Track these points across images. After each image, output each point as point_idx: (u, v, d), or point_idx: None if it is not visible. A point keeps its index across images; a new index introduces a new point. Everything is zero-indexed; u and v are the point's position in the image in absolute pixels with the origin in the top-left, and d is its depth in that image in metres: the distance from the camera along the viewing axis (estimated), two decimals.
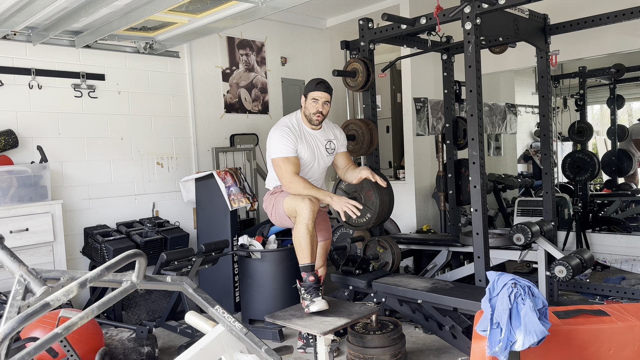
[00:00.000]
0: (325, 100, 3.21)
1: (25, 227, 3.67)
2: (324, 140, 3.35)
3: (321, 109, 3.21)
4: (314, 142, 3.30)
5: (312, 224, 2.97)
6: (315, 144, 3.30)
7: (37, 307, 1.36)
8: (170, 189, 4.84)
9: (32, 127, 4.05)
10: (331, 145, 3.38)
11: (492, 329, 1.79)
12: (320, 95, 3.19)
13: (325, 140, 3.35)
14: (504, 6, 3.15)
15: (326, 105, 3.23)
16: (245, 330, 1.69)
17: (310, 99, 3.21)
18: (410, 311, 3.41)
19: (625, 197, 6.16)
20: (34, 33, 3.91)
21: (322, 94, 3.19)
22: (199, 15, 3.84)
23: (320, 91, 3.19)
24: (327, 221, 3.54)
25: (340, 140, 3.46)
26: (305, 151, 3.23)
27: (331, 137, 3.40)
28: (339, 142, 3.44)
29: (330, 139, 3.39)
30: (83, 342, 2.83)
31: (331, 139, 3.39)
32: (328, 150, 3.36)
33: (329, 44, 6.24)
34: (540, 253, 3.79)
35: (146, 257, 1.56)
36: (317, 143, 3.31)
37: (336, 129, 3.48)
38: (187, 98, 4.96)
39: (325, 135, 3.37)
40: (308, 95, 3.23)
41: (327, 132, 3.39)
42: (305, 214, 2.95)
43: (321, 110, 3.21)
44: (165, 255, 3.54)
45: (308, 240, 2.97)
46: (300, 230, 2.97)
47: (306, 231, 2.96)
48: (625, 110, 6.80)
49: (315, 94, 3.19)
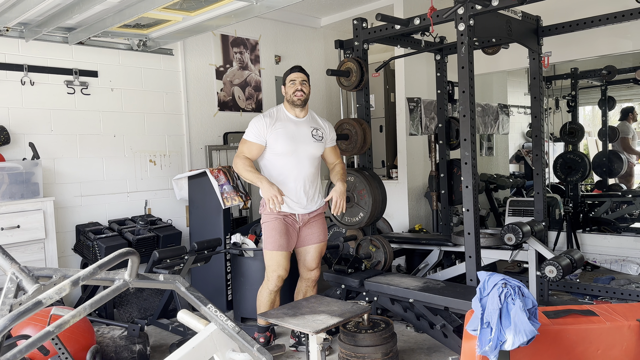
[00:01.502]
0: (302, 79, 3.27)
1: (17, 224, 3.65)
2: (310, 127, 3.33)
3: (300, 87, 3.24)
4: (296, 127, 3.28)
5: (276, 290, 3.28)
6: (297, 129, 3.27)
7: (29, 305, 1.36)
8: (163, 186, 4.83)
9: (24, 124, 4.03)
10: (318, 133, 3.35)
11: (483, 328, 1.81)
12: (296, 75, 3.27)
13: (311, 128, 3.33)
14: (497, 8, 3.16)
15: (305, 85, 3.27)
16: (238, 329, 1.70)
17: (288, 82, 3.28)
18: (402, 310, 3.43)
19: (615, 197, 6.22)
20: (26, 29, 3.88)
21: (297, 74, 3.27)
22: (193, 13, 3.83)
23: (295, 72, 3.28)
24: (321, 224, 3.45)
25: (328, 133, 3.43)
26: (281, 137, 3.21)
27: (318, 126, 3.38)
28: (326, 133, 3.42)
29: (317, 127, 3.37)
30: (74, 340, 2.82)
31: (318, 127, 3.37)
32: (315, 137, 3.32)
33: (323, 42, 6.24)
34: (531, 253, 3.83)
35: (139, 255, 1.56)
36: (300, 128, 3.29)
37: (325, 122, 3.48)
38: (180, 96, 4.95)
39: (311, 123, 3.36)
40: (286, 80, 3.30)
41: (314, 122, 3.39)
42: (271, 282, 3.26)
43: (300, 89, 3.24)
44: (158, 254, 3.53)
45: (267, 306, 3.28)
46: (264, 294, 3.31)
47: (268, 296, 3.29)
48: (617, 111, 6.86)
49: (292, 76, 3.28)
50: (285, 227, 3.26)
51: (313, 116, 3.43)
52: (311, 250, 3.39)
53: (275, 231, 3.24)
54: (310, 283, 3.44)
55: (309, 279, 3.43)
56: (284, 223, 3.26)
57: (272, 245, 3.24)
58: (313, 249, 3.39)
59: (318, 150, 3.35)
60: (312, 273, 3.40)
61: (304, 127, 3.31)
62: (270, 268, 3.27)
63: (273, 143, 3.23)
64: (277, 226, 3.24)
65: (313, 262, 3.39)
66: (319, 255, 3.44)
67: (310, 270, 3.40)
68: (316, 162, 3.37)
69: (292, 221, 3.30)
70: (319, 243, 3.42)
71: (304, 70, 3.33)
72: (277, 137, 3.22)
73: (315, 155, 3.35)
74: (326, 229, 3.51)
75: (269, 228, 3.27)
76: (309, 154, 3.30)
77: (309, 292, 3.44)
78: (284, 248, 3.24)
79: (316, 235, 3.39)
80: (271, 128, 3.22)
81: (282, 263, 3.25)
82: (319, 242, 3.41)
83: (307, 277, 3.43)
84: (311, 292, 3.44)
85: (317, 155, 3.36)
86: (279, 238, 3.23)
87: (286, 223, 3.27)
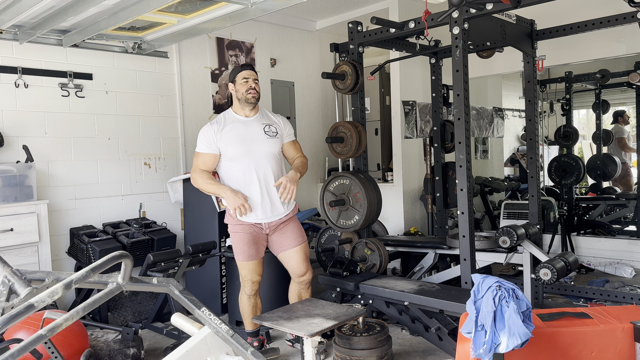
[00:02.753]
0: (254, 78, 3.23)
1: (10, 227, 3.63)
2: (261, 124, 3.25)
3: (253, 85, 3.19)
4: (245, 127, 3.21)
5: (254, 294, 3.30)
6: (247, 129, 3.21)
7: (21, 308, 1.35)
8: (158, 189, 4.82)
9: (18, 127, 4.01)
10: (272, 129, 3.26)
11: (477, 331, 1.81)
12: (248, 73, 3.22)
13: (263, 124, 3.26)
14: (491, 11, 3.18)
15: (257, 84, 3.23)
16: (232, 333, 1.69)
17: (240, 79, 3.21)
18: (397, 313, 3.42)
19: (609, 200, 6.25)
20: (20, 31, 3.87)
21: (249, 72, 3.23)
22: (188, 16, 3.83)
23: (247, 70, 3.23)
24: (293, 227, 3.32)
25: (282, 127, 3.34)
26: (231, 140, 3.15)
27: (270, 122, 3.30)
28: (281, 128, 3.32)
29: (269, 123, 3.29)
30: (68, 344, 2.81)
31: (270, 124, 3.29)
32: (268, 133, 3.23)
33: (319, 45, 6.25)
34: (525, 256, 3.83)
35: (132, 258, 1.56)
36: (250, 127, 3.22)
37: (279, 117, 3.39)
38: (175, 98, 4.94)
39: (262, 120, 3.28)
40: (236, 78, 3.22)
41: (265, 118, 3.31)
42: (247, 288, 3.29)
43: (254, 87, 3.19)
44: (152, 257, 3.52)
45: (249, 310, 3.32)
46: (243, 299, 3.34)
47: (247, 301, 3.32)
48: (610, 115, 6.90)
49: (244, 74, 3.21)
50: (252, 237, 3.22)
51: (264, 113, 3.35)
52: (293, 254, 3.30)
53: (242, 242, 3.21)
54: (304, 285, 3.42)
55: (301, 282, 3.41)
56: (249, 233, 3.22)
57: (242, 256, 3.23)
58: (295, 253, 3.30)
59: (273, 146, 3.24)
60: (303, 278, 3.37)
61: (254, 126, 3.23)
62: (244, 276, 3.28)
63: (225, 148, 3.16)
64: (243, 237, 3.21)
65: (300, 266, 3.32)
66: (304, 257, 3.33)
67: (300, 276, 3.36)
68: (275, 161, 3.25)
69: (258, 230, 3.25)
70: (298, 245, 3.30)
71: (254, 69, 3.29)
72: (227, 141, 3.15)
73: (272, 153, 3.23)
74: (302, 230, 3.38)
75: (236, 239, 3.25)
76: (264, 152, 3.20)
77: (304, 293, 3.41)
78: (253, 257, 3.23)
79: (292, 238, 3.29)
80: (220, 134, 3.16)
81: (254, 269, 3.26)
82: (297, 245, 3.30)
83: (299, 281, 3.40)
84: (305, 293, 3.41)
85: (274, 153, 3.24)
86: (247, 249, 3.21)
87: (252, 232, 3.23)
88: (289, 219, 3.32)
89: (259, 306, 3.37)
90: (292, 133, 3.43)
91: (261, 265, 3.30)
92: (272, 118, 3.35)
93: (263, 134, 3.22)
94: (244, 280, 3.29)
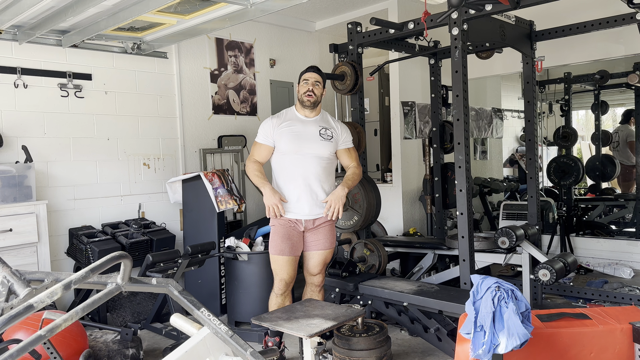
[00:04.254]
0: (315, 80, 3.22)
1: (9, 228, 3.63)
2: (319, 126, 3.26)
3: (311, 87, 3.20)
4: (303, 125, 3.23)
5: (282, 293, 3.27)
6: (304, 128, 3.22)
7: (20, 309, 1.35)
8: (157, 190, 4.81)
9: (17, 127, 4.01)
10: (327, 133, 3.26)
11: (476, 331, 1.81)
12: (309, 75, 3.23)
13: (320, 127, 3.26)
14: (490, 12, 3.19)
15: (317, 86, 3.22)
16: (231, 333, 1.69)
17: (301, 81, 3.25)
18: (396, 314, 3.43)
19: (608, 201, 6.26)
20: (20, 32, 3.87)
21: (311, 74, 3.23)
22: (187, 17, 3.83)
23: (310, 72, 3.25)
24: (328, 231, 3.32)
25: (340, 134, 3.33)
26: (285, 135, 3.18)
27: (328, 126, 3.30)
28: (338, 134, 3.32)
29: (327, 127, 3.29)
30: (67, 344, 2.81)
31: (328, 127, 3.29)
32: (323, 136, 3.24)
33: (318, 46, 6.25)
34: (524, 257, 3.84)
35: (131, 259, 1.56)
36: (307, 127, 3.23)
37: (338, 123, 3.39)
38: (174, 99, 4.94)
39: (321, 123, 3.29)
40: (300, 79, 3.27)
41: (324, 122, 3.32)
42: (276, 286, 3.27)
43: (312, 89, 3.20)
44: (151, 257, 3.52)
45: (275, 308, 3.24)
46: (272, 297, 3.32)
47: (275, 300, 3.29)
48: (609, 115, 6.90)
49: (305, 75, 3.25)
50: (288, 232, 3.22)
51: (325, 117, 3.36)
52: (315, 256, 3.31)
53: (277, 235, 3.22)
54: (314, 288, 3.41)
55: (311, 284, 3.40)
56: (287, 228, 3.23)
57: (274, 250, 3.23)
58: (316, 255, 3.31)
59: (326, 149, 3.23)
60: (314, 278, 3.36)
61: (311, 126, 3.25)
62: (274, 272, 3.27)
63: (279, 142, 3.21)
64: (279, 231, 3.23)
65: (315, 268, 3.33)
66: (323, 262, 3.34)
67: (312, 275, 3.36)
68: (324, 163, 3.24)
69: (295, 227, 3.25)
70: (323, 250, 3.31)
71: (319, 71, 3.26)
72: (282, 135, 3.19)
73: (323, 155, 3.23)
74: (334, 236, 3.38)
75: (273, 232, 3.26)
76: (315, 153, 3.20)
77: (315, 296, 3.41)
78: (285, 253, 3.21)
79: (321, 242, 3.30)
80: (278, 128, 3.20)
81: (284, 267, 3.23)
82: (322, 249, 3.31)
83: (310, 282, 3.41)
84: (317, 297, 3.41)
85: (324, 155, 3.23)
86: (280, 243, 3.21)
87: (289, 228, 3.23)
88: (327, 222, 3.31)
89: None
90: (350, 140, 3.40)
91: (293, 266, 3.26)
92: (331, 122, 3.36)
93: (318, 136, 3.24)
94: (275, 278, 3.27)
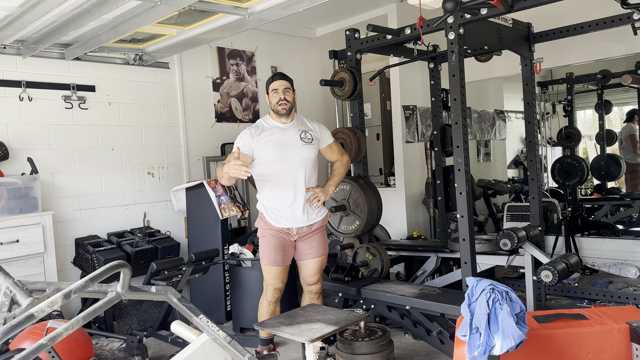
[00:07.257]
0: (285, 87, 3.21)
1: (16, 239, 3.69)
2: (297, 130, 3.28)
3: (283, 95, 3.19)
4: (283, 133, 3.24)
5: (274, 301, 3.30)
6: (285, 135, 3.24)
7: (22, 318, 1.39)
8: (161, 198, 4.86)
9: (23, 139, 4.08)
10: (307, 136, 3.28)
11: (472, 333, 1.83)
12: (278, 84, 3.21)
13: (299, 131, 3.28)
14: (486, 16, 3.21)
15: (288, 92, 3.22)
16: (229, 339, 1.72)
17: (271, 91, 3.23)
18: (399, 317, 3.44)
19: (614, 201, 6.23)
20: (23, 46, 3.94)
21: (279, 82, 3.22)
22: (187, 27, 3.88)
23: (277, 80, 3.23)
24: (320, 238, 3.34)
25: (319, 133, 3.37)
26: (268, 145, 3.18)
27: (306, 129, 3.32)
28: (317, 133, 3.35)
29: (305, 129, 3.31)
30: (72, 353, 2.84)
31: (306, 130, 3.31)
32: (304, 140, 3.25)
33: (319, 53, 6.30)
34: (526, 258, 3.83)
35: (130, 267, 1.59)
36: (287, 134, 3.25)
37: (314, 123, 3.41)
38: (177, 108, 5.00)
39: (299, 127, 3.31)
40: (268, 89, 3.26)
41: (302, 125, 3.34)
42: (269, 294, 3.29)
43: (284, 97, 3.19)
44: (155, 265, 3.56)
45: (267, 316, 3.29)
46: (263, 305, 3.33)
47: (267, 307, 3.31)
48: (617, 114, 6.88)
49: (274, 85, 3.22)
50: (279, 242, 3.23)
51: (301, 120, 3.37)
52: (310, 264, 3.32)
53: (269, 247, 3.23)
54: (313, 296, 3.41)
55: (310, 292, 3.41)
56: (278, 238, 3.23)
57: (267, 261, 3.24)
58: (312, 264, 3.32)
59: (310, 153, 3.26)
60: (312, 287, 3.37)
61: (291, 132, 3.26)
62: (267, 281, 3.29)
63: (261, 153, 3.18)
64: (270, 242, 3.23)
65: (312, 277, 3.34)
66: (319, 269, 3.36)
67: (309, 285, 3.37)
68: (310, 166, 3.26)
69: (287, 235, 3.26)
70: (318, 257, 3.33)
71: (286, 77, 3.27)
72: (265, 146, 3.18)
73: (308, 159, 3.25)
74: (326, 242, 3.41)
75: (263, 243, 3.27)
76: (300, 158, 3.23)
77: (314, 303, 3.42)
78: (279, 263, 3.23)
79: (315, 249, 3.31)
80: (257, 137, 3.18)
81: (278, 276, 3.25)
82: (317, 257, 3.32)
83: (308, 290, 3.41)
84: (316, 303, 3.42)
85: (310, 159, 3.26)
86: (274, 254, 3.22)
87: (280, 238, 3.24)
88: (318, 229, 3.33)
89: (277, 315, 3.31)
90: (329, 136, 3.43)
91: (286, 273, 3.29)
92: (307, 124, 3.37)
93: (299, 140, 3.25)
94: (266, 286, 3.29)
